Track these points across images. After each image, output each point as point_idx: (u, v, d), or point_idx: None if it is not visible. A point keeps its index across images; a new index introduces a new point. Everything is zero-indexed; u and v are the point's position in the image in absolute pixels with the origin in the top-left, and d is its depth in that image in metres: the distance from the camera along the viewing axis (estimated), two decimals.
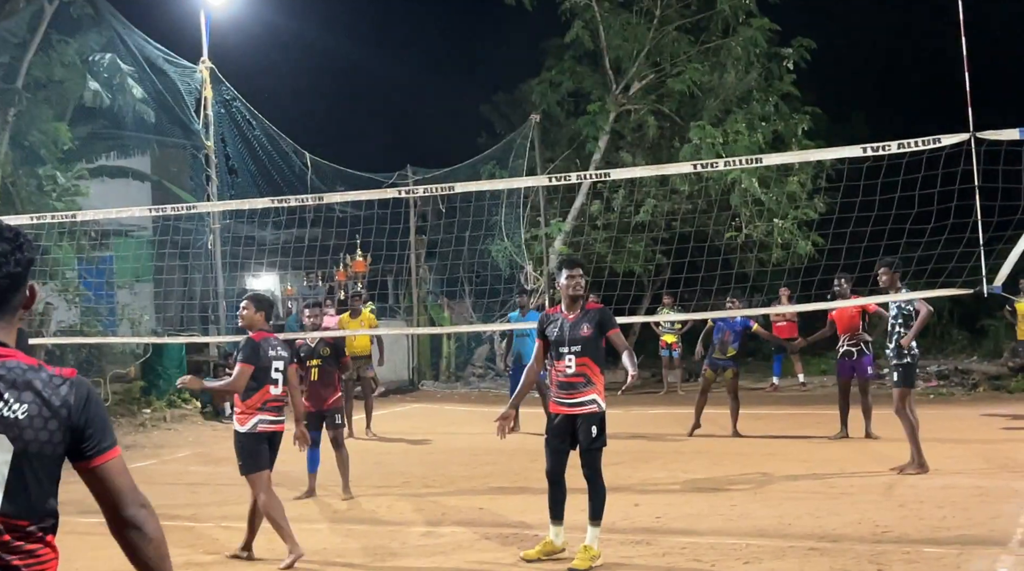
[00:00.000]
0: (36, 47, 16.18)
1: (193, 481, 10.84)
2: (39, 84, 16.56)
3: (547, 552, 6.97)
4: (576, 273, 7.08)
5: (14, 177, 15.82)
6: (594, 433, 6.90)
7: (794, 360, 18.70)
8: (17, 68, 16.14)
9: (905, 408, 9.58)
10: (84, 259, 17.11)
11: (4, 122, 15.80)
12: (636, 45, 20.35)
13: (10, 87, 15.95)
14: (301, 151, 19.92)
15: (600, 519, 6.87)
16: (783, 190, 18.83)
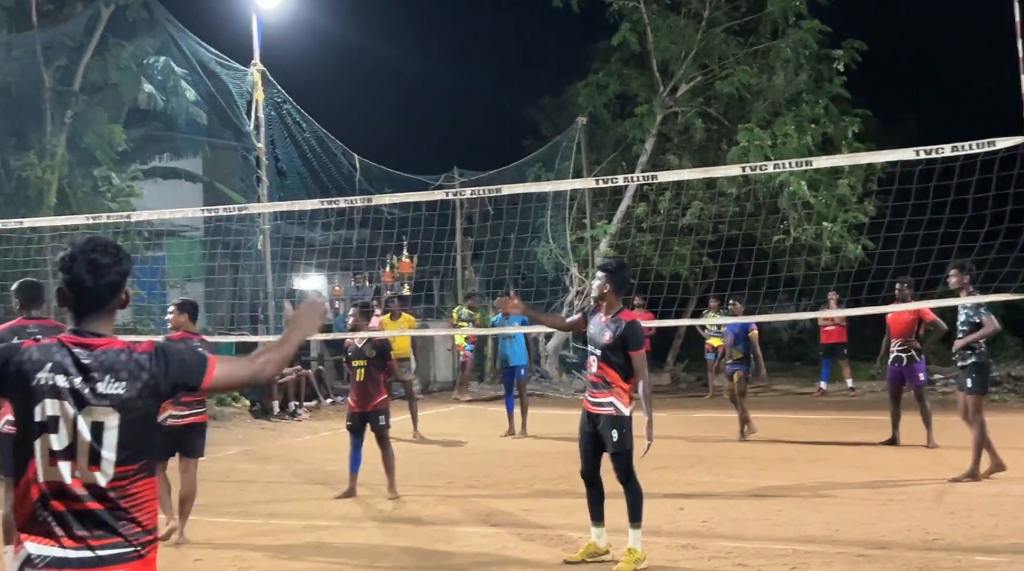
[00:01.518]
0: (92, 51, 16.51)
1: (242, 478, 10.98)
2: (95, 87, 16.89)
3: (591, 554, 6.98)
4: (600, 276, 7.10)
5: (71, 178, 16.15)
6: (615, 437, 6.86)
7: (842, 365, 18.49)
8: (74, 71, 16.48)
9: (980, 415, 9.36)
10: (138, 259, 17.42)
11: (61, 124, 16.14)
12: (684, 47, 20.27)
13: (67, 90, 16.29)
14: (350, 153, 20.12)
15: (639, 521, 6.85)
16: (833, 193, 18.64)
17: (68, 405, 2.97)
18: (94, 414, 2.97)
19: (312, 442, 13.94)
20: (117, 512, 2.99)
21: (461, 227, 21.78)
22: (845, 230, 18.81)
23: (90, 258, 3.12)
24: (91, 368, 3.00)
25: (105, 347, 3.05)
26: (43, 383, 2.98)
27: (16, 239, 14.05)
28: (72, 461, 2.97)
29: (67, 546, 2.93)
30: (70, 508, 2.96)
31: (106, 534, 2.96)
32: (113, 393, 3.00)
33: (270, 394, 16.29)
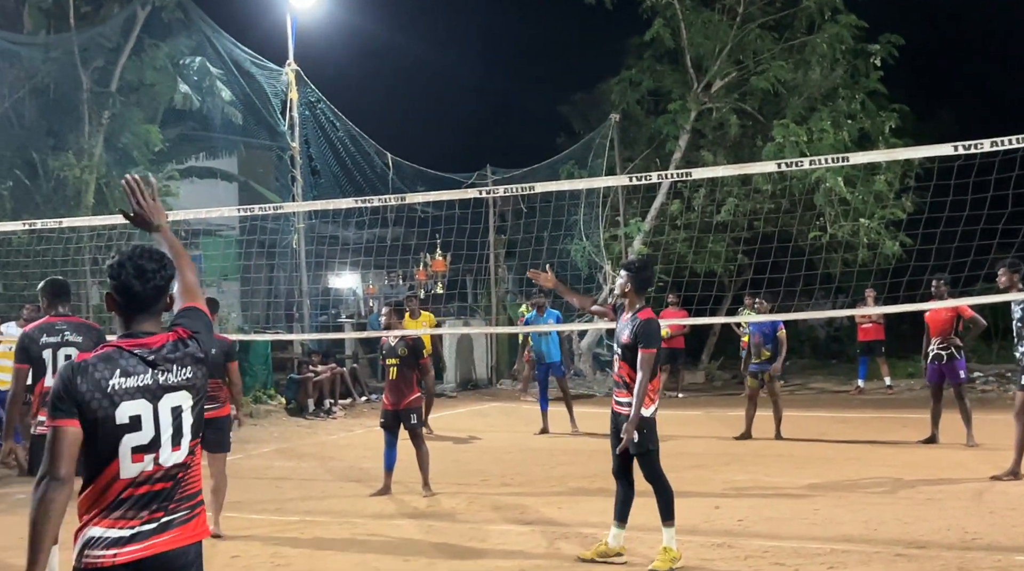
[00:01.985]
0: (129, 51, 16.69)
1: (277, 476, 11.06)
2: (132, 87, 17.07)
3: (601, 554, 6.94)
4: (623, 275, 7.07)
5: (108, 178, 16.33)
6: (636, 438, 6.81)
7: (880, 363, 18.30)
8: (111, 72, 16.67)
9: None
10: None
11: (99, 124, 16.32)
12: (718, 43, 20.12)
13: (104, 90, 16.47)
14: (383, 151, 20.19)
15: (671, 519, 6.80)
16: (870, 189, 18.42)
17: (146, 402, 3.27)
18: (172, 401, 3.32)
19: (347, 439, 14.01)
20: (180, 486, 3.35)
21: (494, 225, 21.78)
22: (882, 226, 18.59)
23: (137, 264, 3.38)
24: (156, 363, 3.32)
25: (161, 343, 3.37)
26: (118, 388, 3.23)
27: (55, 239, 14.24)
28: (156, 452, 3.28)
29: (133, 526, 3.23)
30: (143, 493, 3.26)
31: (169, 504, 3.31)
32: (182, 379, 3.36)
33: (305, 392, 16.39)
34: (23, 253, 14.40)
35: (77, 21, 16.42)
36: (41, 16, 16.47)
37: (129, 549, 3.22)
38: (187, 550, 3.36)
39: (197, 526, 3.42)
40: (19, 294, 14.06)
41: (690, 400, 18.01)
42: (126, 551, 3.21)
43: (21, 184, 15.83)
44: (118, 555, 3.21)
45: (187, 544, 3.36)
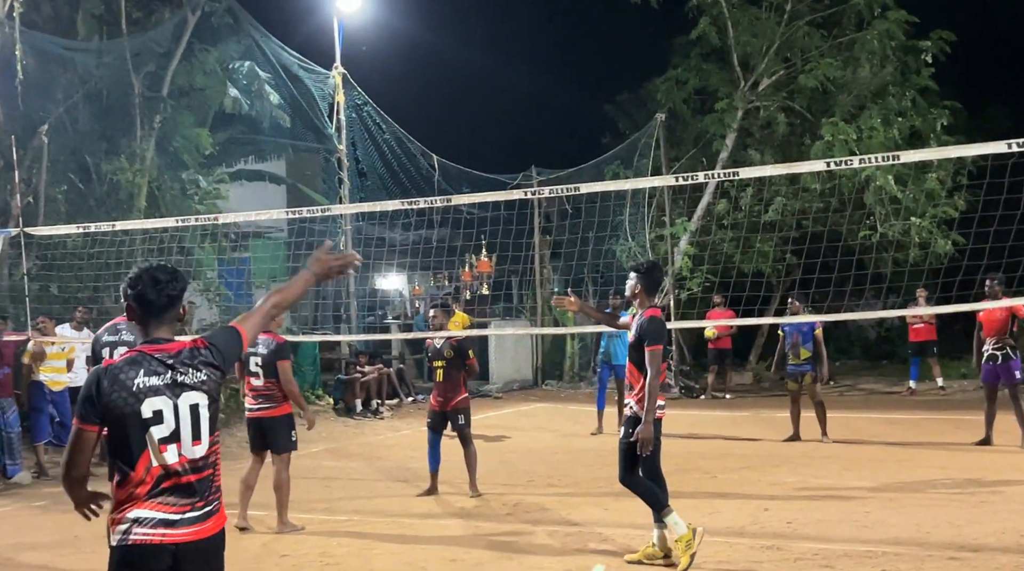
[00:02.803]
0: (179, 56, 16.93)
1: (326, 476, 11.16)
2: (182, 92, 17.31)
3: (649, 556, 6.98)
4: (632, 277, 7.09)
5: (160, 181, 16.58)
6: (621, 433, 7.02)
7: (932, 364, 18.02)
8: (162, 77, 16.91)
9: None
10: (224, 260, 17.81)
11: (150, 129, 16.57)
12: (765, 41, 19.94)
13: (156, 95, 16.72)
14: (429, 153, 20.28)
15: (664, 507, 6.79)
16: (921, 187, 18.14)
17: (167, 398, 3.67)
18: (189, 399, 3.71)
19: (394, 440, 14.10)
20: (206, 479, 3.74)
21: (539, 226, 21.78)
22: (934, 225, 18.30)
23: (152, 276, 3.82)
24: (174, 366, 3.72)
25: (178, 349, 3.78)
26: (143, 386, 3.66)
27: (108, 242, 14.48)
28: (177, 443, 3.68)
29: (173, 512, 3.63)
30: (175, 483, 3.65)
31: (199, 498, 3.69)
32: (197, 381, 3.75)
33: (353, 392, 16.52)
34: (77, 256, 14.66)
35: (129, 27, 16.68)
36: (94, 22, 16.75)
37: (179, 532, 3.62)
38: (219, 536, 3.78)
39: (223, 515, 3.83)
40: (74, 296, 14.33)
41: (737, 401, 17.87)
42: (174, 533, 3.61)
43: (75, 188, 16.12)
44: (166, 536, 3.60)
45: (220, 531, 3.78)
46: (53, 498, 10.25)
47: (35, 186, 15.04)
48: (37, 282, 14.11)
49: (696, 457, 11.61)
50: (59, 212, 15.48)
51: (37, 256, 14.08)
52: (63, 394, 12.06)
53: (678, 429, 13.94)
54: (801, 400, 12.61)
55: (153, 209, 16.12)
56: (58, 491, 10.30)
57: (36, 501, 10.16)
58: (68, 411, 12.14)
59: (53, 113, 15.60)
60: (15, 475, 11.21)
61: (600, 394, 14.11)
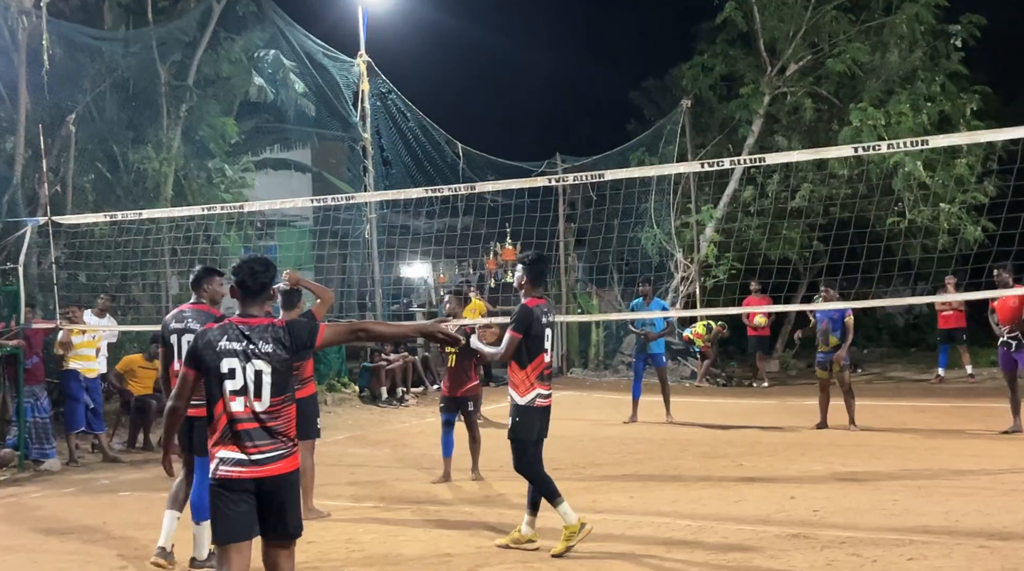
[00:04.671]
0: (205, 45, 16.97)
1: (352, 463, 11.20)
2: (208, 81, 17.34)
3: (515, 540, 7.10)
4: (518, 269, 7.25)
5: (186, 170, 16.65)
6: (509, 424, 7.09)
7: (961, 351, 17.84)
8: (188, 66, 16.96)
9: None
10: (250, 248, 17.88)
11: (177, 118, 16.64)
12: (792, 25, 19.74)
13: (182, 84, 16.77)
14: (453, 141, 20.25)
15: (557, 498, 6.95)
16: (950, 173, 17.92)
17: (240, 360, 4.72)
18: (256, 364, 4.72)
19: (418, 427, 14.13)
20: (272, 428, 4.72)
21: (564, 213, 21.72)
22: (964, 211, 18.09)
23: (250, 267, 4.91)
24: (251, 336, 4.76)
25: (258, 323, 4.83)
26: (223, 348, 4.74)
27: (135, 230, 14.58)
28: (244, 396, 4.70)
29: (246, 452, 4.66)
30: (244, 428, 4.69)
31: (268, 442, 4.70)
32: (265, 351, 4.74)
33: (378, 380, 16.56)
34: (105, 244, 14.76)
35: (155, 16, 16.72)
36: (121, 11, 16.81)
37: (252, 469, 4.66)
38: (291, 475, 4.77)
39: (295, 460, 4.80)
40: (102, 285, 14.43)
41: (763, 389, 17.79)
42: (248, 470, 4.65)
43: (103, 177, 16.21)
44: (243, 472, 4.65)
45: (292, 471, 4.77)
46: (82, 485, 10.37)
47: (63, 175, 15.13)
48: (65, 270, 14.21)
49: (724, 445, 11.58)
50: (87, 201, 15.58)
51: (65, 245, 14.18)
52: (96, 381, 12.16)
53: (706, 418, 13.92)
54: (830, 388, 12.54)
55: (180, 198, 16.19)
56: (87, 478, 10.44)
57: (66, 488, 10.26)
58: (100, 398, 12.25)
59: (80, 102, 15.67)
60: (46, 462, 11.32)
61: (636, 383, 14.08)
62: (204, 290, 7.03)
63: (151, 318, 14.90)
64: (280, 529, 4.76)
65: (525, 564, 6.74)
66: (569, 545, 6.87)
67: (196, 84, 17.02)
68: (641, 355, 14.07)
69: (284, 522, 4.75)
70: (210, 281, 7.04)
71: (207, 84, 17.33)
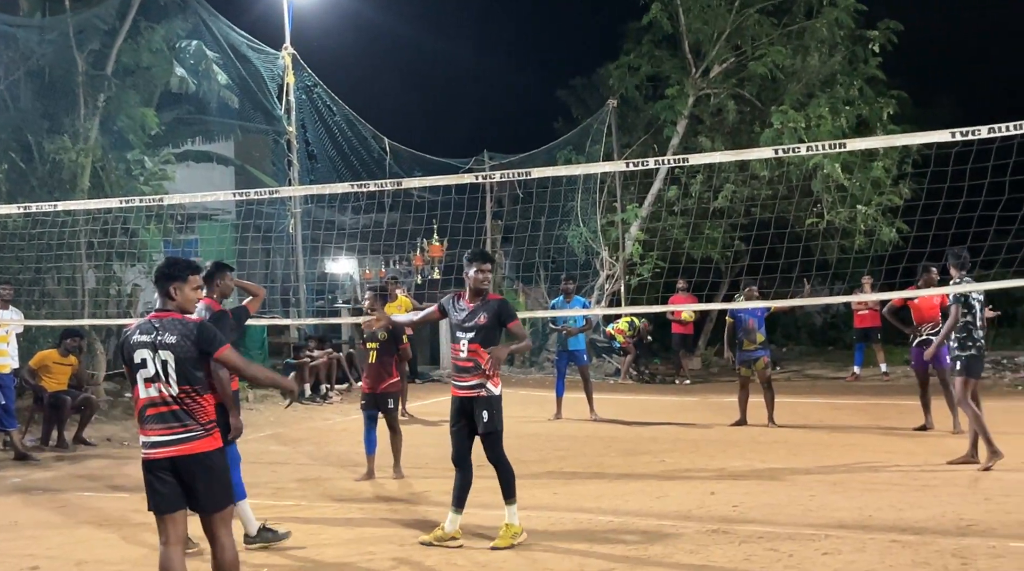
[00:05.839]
0: (125, 34, 16.56)
1: (273, 460, 11.06)
2: (127, 70, 16.92)
3: (439, 538, 7.12)
4: (487, 268, 7.22)
5: (104, 161, 16.24)
6: (485, 418, 7.09)
7: (876, 349, 18.32)
8: (107, 55, 16.52)
9: (967, 398, 9.32)
10: (171, 242, 17.53)
11: (95, 107, 16.21)
12: (716, 28, 20.04)
13: (100, 73, 16.35)
14: (380, 136, 20.11)
15: (514, 497, 7.10)
16: (867, 176, 18.38)
17: (150, 350, 5.17)
18: (162, 354, 5.15)
19: (342, 425, 14.00)
20: (182, 412, 5.15)
21: (491, 211, 21.74)
22: (879, 213, 18.58)
23: (162, 267, 5.48)
24: (160, 329, 5.20)
25: (169, 317, 5.27)
26: (136, 341, 5.21)
27: (51, 222, 14.18)
28: (157, 383, 5.15)
29: (160, 434, 5.14)
30: (158, 412, 5.15)
31: (179, 425, 5.14)
32: (169, 342, 5.16)
33: (301, 377, 16.37)
34: (18, 237, 14.34)
35: (73, 3, 16.25)
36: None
37: (167, 450, 5.11)
38: (207, 455, 5.18)
39: (209, 441, 5.21)
40: (15, 277, 14.01)
41: (686, 386, 18.03)
42: (164, 451, 5.12)
43: (16, 167, 15.73)
44: (160, 453, 5.12)
45: (207, 451, 5.18)
46: None
47: None
48: None
49: (647, 441, 11.70)
50: (0, 192, 15.11)
51: None
52: (7, 377, 11.76)
53: (629, 415, 14.06)
54: (750, 386, 12.77)
55: (97, 190, 15.77)
56: None
57: None
58: (12, 395, 11.84)
59: None
60: None
61: (559, 381, 14.17)
62: (216, 285, 7.29)
63: (66, 312, 14.52)
64: (211, 502, 5.20)
65: (448, 562, 6.73)
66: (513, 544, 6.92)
67: (115, 74, 16.60)
68: (564, 353, 14.17)
69: (206, 496, 5.18)
70: (222, 276, 7.37)
71: (126, 74, 16.92)
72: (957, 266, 9.39)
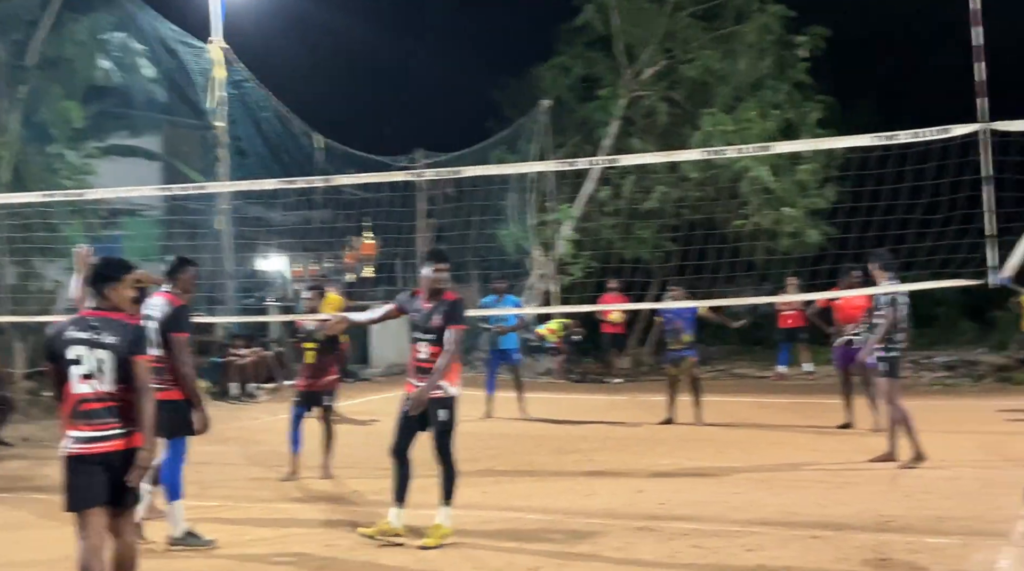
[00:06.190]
0: (47, 25, 16.13)
1: (198, 460, 10.74)
2: (50, 62, 16.50)
3: (383, 532, 7.12)
4: (442, 267, 7.24)
5: (24, 155, 15.81)
6: (440, 416, 7.16)
7: (801, 349, 18.65)
8: (29, 46, 16.10)
9: (895, 399, 9.54)
10: (93, 238, 17.12)
11: (16, 100, 15.78)
12: (649, 31, 20.21)
13: (21, 65, 15.92)
14: (312, 133, 19.88)
15: (451, 499, 7.11)
16: (793, 178, 18.72)
17: (86, 348, 5.19)
18: (98, 353, 5.18)
19: (270, 424, 13.82)
20: (115, 408, 5.19)
21: (424, 209, 21.65)
22: (805, 216, 18.91)
23: (95, 267, 5.63)
24: (98, 328, 5.23)
25: (107, 316, 5.31)
26: (69, 337, 5.23)
27: None
28: (93, 379, 5.18)
29: (93, 430, 5.16)
30: (91, 408, 5.17)
31: (111, 421, 5.19)
32: (108, 342, 5.19)
33: (228, 376, 16.13)
34: None
35: None
36: None
37: (98, 445, 5.15)
38: (134, 452, 5.19)
39: (136, 439, 5.21)
40: None
41: (616, 385, 18.16)
42: (96, 446, 5.15)
43: None
44: (91, 448, 5.14)
45: (134, 448, 5.19)
46: None
47: None
48: None
49: (576, 440, 11.77)
50: None
51: None
52: None
53: (559, 414, 14.12)
54: (678, 385, 12.91)
55: (17, 184, 15.36)
56: None
57: None
58: None
59: None
60: None
61: (490, 379, 14.17)
62: (179, 280, 7.31)
63: None
64: (123, 498, 5.27)
65: (375, 562, 6.69)
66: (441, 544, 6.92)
67: (37, 65, 16.17)
68: (495, 352, 14.19)
69: (129, 492, 5.27)
70: (184, 271, 7.39)
71: (49, 66, 16.48)
72: (883, 268, 9.57)
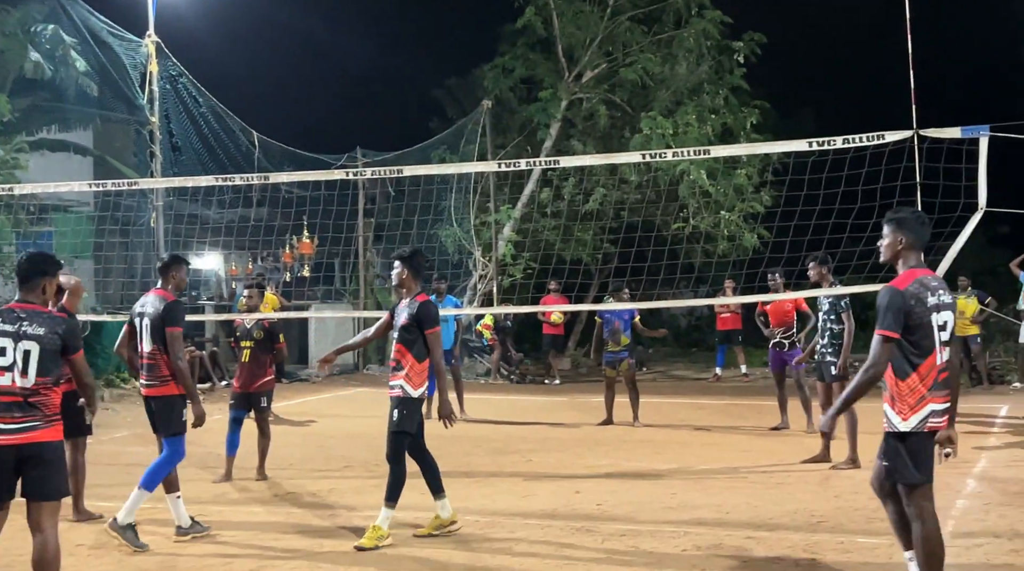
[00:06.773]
0: None
1: (131, 462, 10.62)
2: None
3: (437, 527, 7.24)
4: (396, 266, 7.37)
5: None
6: (395, 416, 7.21)
7: (737, 351, 18.89)
8: None
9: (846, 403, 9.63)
10: (22, 234, 16.71)
11: None
12: (589, 33, 20.33)
13: None
14: (248, 129, 19.58)
15: (395, 503, 7.07)
16: (730, 183, 18.94)
17: (12, 339, 5.27)
18: (25, 344, 5.27)
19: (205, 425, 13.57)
20: (33, 403, 5.25)
21: (363, 208, 21.49)
22: (742, 219, 19.15)
23: (23, 260, 5.61)
24: (25, 319, 5.31)
25: (35, 309, 5.41)
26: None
27: None
28: (12, 372, 5.24)
29: (5, 422, 5.20)
30: (7, 400, 5.22)
31: (27, 414, 5.24)
32: (36, 333, 5.28)
33: None
34: None
35: None
36: None
37: (11, 437, 5.19)
38: (51, 444, 5.31)
39: (54, 432, 5.33)
40: None
41: (555, 387, 18.21)
42: (8, 438, 5.19)
43: None
44: (3, 440, 5.18)
45: (52, 440, 5.30)
46: None
47: None
48: None
49: (515, 441, 11.77)
50: None
51: None
52: None
53: (499, 415, 14.12)
54: (616, 386, 12.98)
55: None
56: None
57: None
58: None
59: None
60: None
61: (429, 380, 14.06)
62: (171, 277, 7.30)
63: None
64: (41, 490, 5.27)
65: (311, 565, 6.61)
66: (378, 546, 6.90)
67: None
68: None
69: (44, 483, 5.27)
70: (178, 269, 7.40)
71: None
72: (826, 270, 9.67)
